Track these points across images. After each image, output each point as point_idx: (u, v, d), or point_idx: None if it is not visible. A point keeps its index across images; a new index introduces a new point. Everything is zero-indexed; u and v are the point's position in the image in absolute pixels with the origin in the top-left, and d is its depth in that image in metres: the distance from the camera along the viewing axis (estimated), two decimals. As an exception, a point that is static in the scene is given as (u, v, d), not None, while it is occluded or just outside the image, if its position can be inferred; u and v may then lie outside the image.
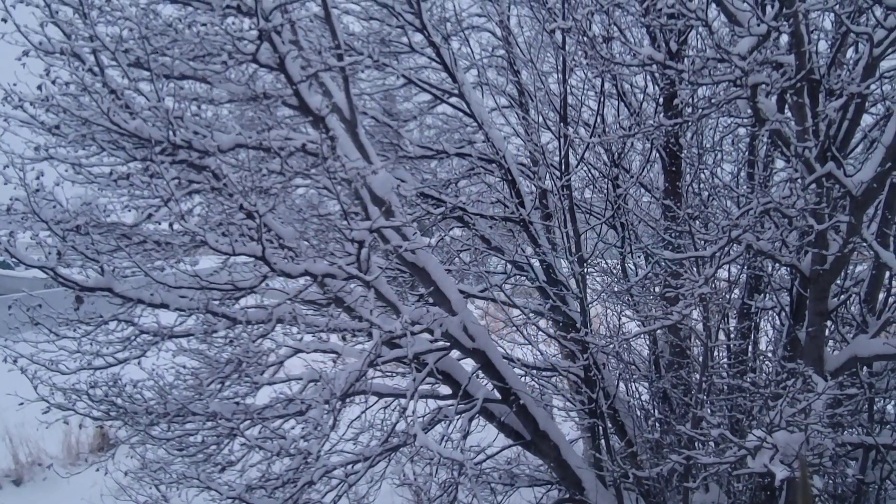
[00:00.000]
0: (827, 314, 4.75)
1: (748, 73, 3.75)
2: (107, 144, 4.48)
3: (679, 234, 5.92)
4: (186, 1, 4.65)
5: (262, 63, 4.66)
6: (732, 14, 3.89)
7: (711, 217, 6.05)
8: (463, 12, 7.48)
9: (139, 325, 4.73)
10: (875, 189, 4.12)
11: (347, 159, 4.19)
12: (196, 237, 3.89)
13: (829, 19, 5.32)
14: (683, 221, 5.61)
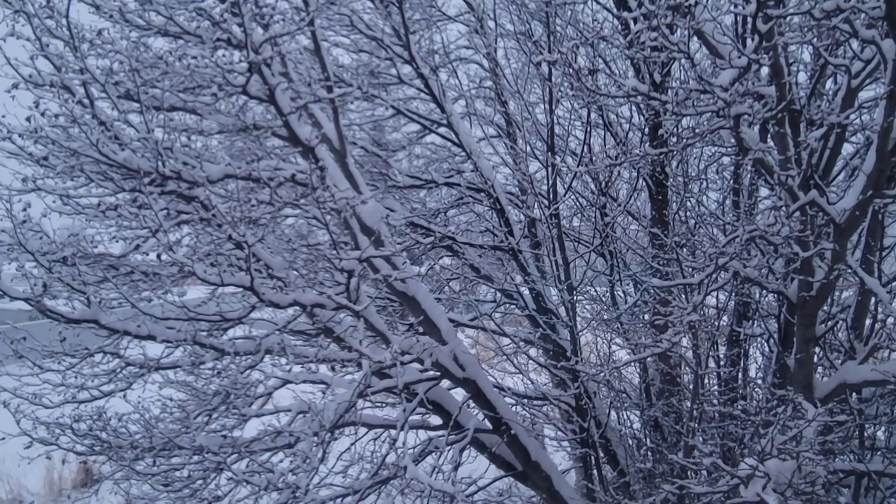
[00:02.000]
0: (815, 340, 4.78)
1: (730, 104, 3.83)
2: (95, 175, 4.48)
3: (667, 262, 5.96)
4: (177, 34, 4.70)
5: (252, 95, 4.70)
6: (714, 47, 3.98)
7: (698, 245, 6.10)
8: (451, 45, 7.61)
9: (125, 357, 4.68)
10: (858, 216, 4.18)
11: (337, 189, 4.21)
12: (184, 268, 3.87)
13: (808, 52, 5.46)
14: (671, 249, 5.65)
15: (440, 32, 7.63)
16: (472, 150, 6.57)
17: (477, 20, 7.07)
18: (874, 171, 3.98)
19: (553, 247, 6.68)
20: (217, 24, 4.47)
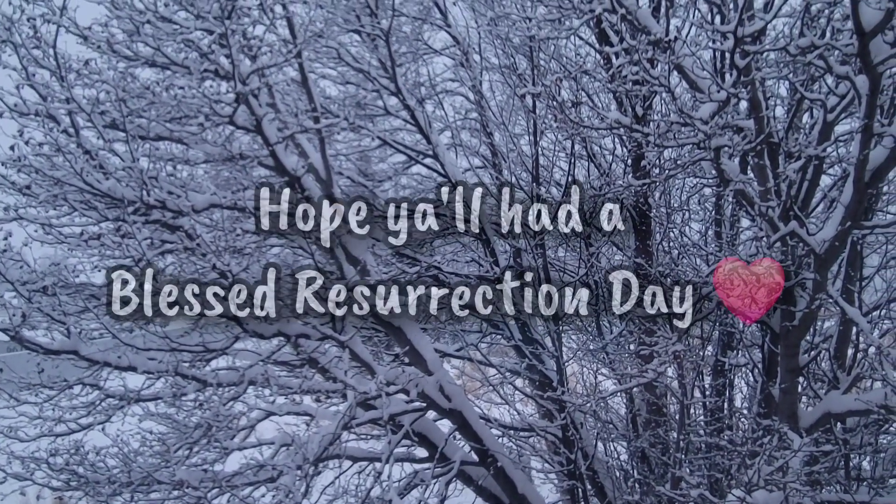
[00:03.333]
0: (798, 370, 4.80)
1: (711, 137, 3.91)
2: (78, 204, 4.45)
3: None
4: (165, 65, 4.73)
5: (238, 125, 4.72)
6: (693, 81, 4.08)
7: (682, 275, 6.15)
8: (437, 77, 7.72)
9: (105, 388, 4.59)
10: (837, 247, 4.25)
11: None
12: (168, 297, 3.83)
13: (785, 86, 5.60)
14: (655, 280, 5.69)
15: (426, 65, 7.75)
16: (458, 181, 6.62)
17: (462, 54, 7.19)
18: (852, 203, 4.06)
19: (538, 278, 6.70)
20: (205, 55, 4.50)
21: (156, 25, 4.54)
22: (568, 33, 5.09)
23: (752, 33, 3.63)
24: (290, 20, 4.94)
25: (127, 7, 4.60)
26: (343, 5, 6.33)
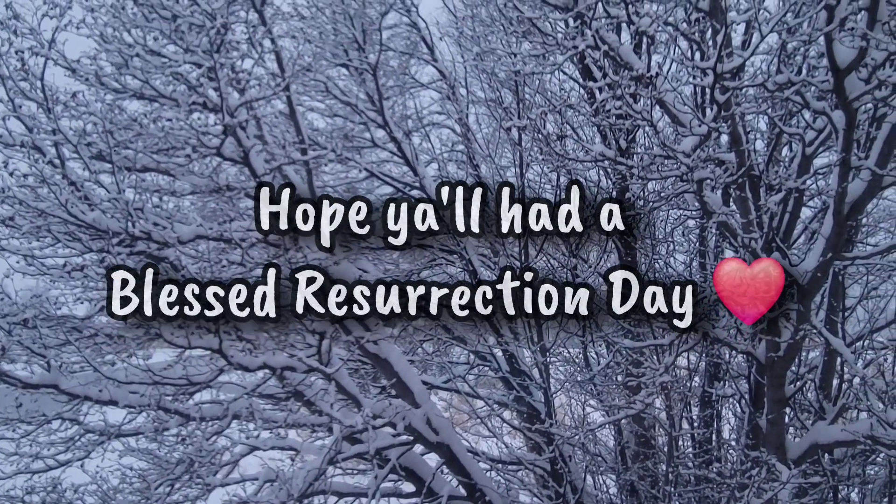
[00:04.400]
0: (785, 401, 4.82)
1: (693, 169, 3.98)
2: (62, 236, 4.42)
3: (638, 323, 6.01)
4: (152, 97, 4.75)
5: (226, 157, 4.73)
6: (675, 115, 4.17)
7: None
8: (423, 110, 7.81)
9: (84, 423, 4.49)
10: (819, 278, 4.30)
11: (309, 250, 4.21)
12: (150, 330, 3.79)
13: (764, 121, 5.72)
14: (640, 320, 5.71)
15: (413, 98, 7.85)
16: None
17: (449, 87, 7.30)
18: (832, 235, 4.12)
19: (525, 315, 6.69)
20: (193, 88, 4.54)
21: (144, 58, 4.57)
22: (552, 68, 5.19)
23: (731, 70, 3.73)
24: (278, 54, 5.00)
25: (116, 40, 4.63)
26: (331, 40, 6.42)
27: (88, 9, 4.59)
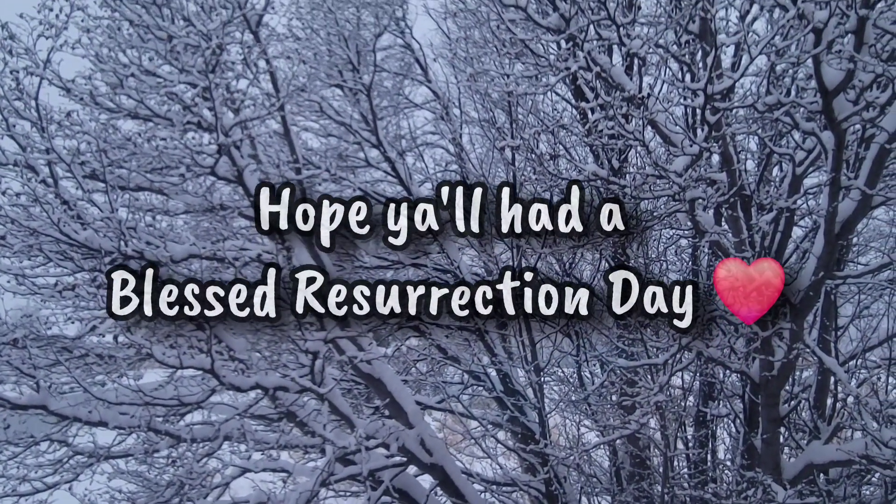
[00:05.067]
0: (779, 420, 4.80)
1: (685, 189, 4.00)
2: (54, 255, 4.40)
3: (632, 342, 6.00)
4: (147, 117, 4.77)
5: (220, 176, 4.74)
6: (667, 136, 4.20)
7: (661, 325, 6.18)
8: (417, 130, 7.86)
9: (73, 445, 4.43)
10: (812, 297, 4.32)
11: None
12: (142, 350, 3.76)
13: (755, 141, 5.78)
14: (635, 329, 5.71)
15: (407, 119, 7.90)
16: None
17: (442, 108, 7.36)
18: (824, 254, 4.15)
19: (519, 327, 6.69)
20: (188, 108, 4.56)
21: (140, 79, 4.60)
22: (545, 89, 5.23)
23: (722, 91, 3.77)
24: (273, 75, 5.04)
25: (111, 60, 4.66)
26: (326, 61, 6.47)
27: (84, 29, 4.62)
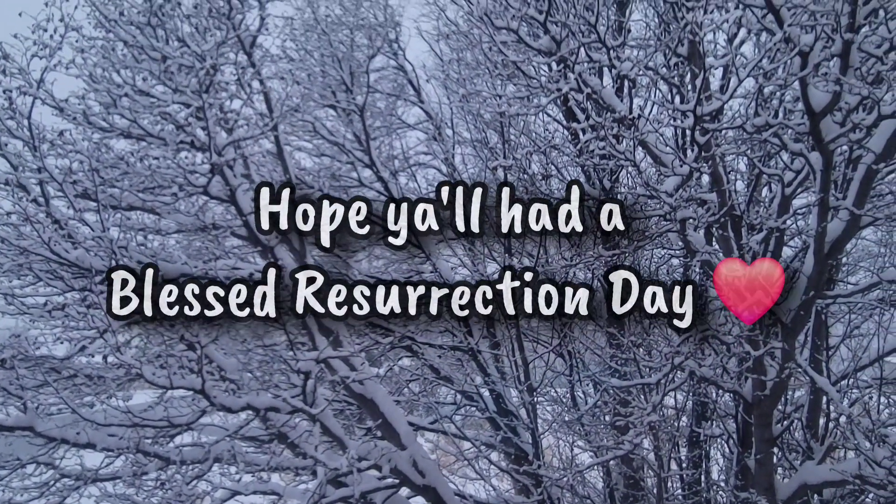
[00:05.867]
0: (772, 441, 4.80)
1: (676, 209, 4.04)
2: (44, 274, 4.37)
3: (625, 362, 6.00)
4: (140, 136, 4.77)
5: (212, 195, 4.74)
6: (657, 156, 4.25)
7: (654, 344, 6.19)
8: (410, 150, 7.90)
9: (60, 468, 4.36)
10: (803, 316, 4.34)
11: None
12: (132, 370, 3.73)
13: (744, 162, 5.85)
14: (628, 349, 5.71)
15: (400, 139, 7.94)
16: (431, 251, 6.67)
17: (435, 128, 7.41)
18: (814, 274, 4.18)
19: (512, 347, 6.68)
20: (181, 127, 4.57)
21: (133, 98, 4.61)
22: (537, 110, 5.29)
23: (711, 112, 3.82)
24: (266, 95, 5.06)
25: (105, 80, 4.67)
26: (319, 82, 6.52)
27: (78, 50, 4.64)
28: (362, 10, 7.00)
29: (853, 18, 3.31)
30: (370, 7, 7.05)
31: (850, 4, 3.27)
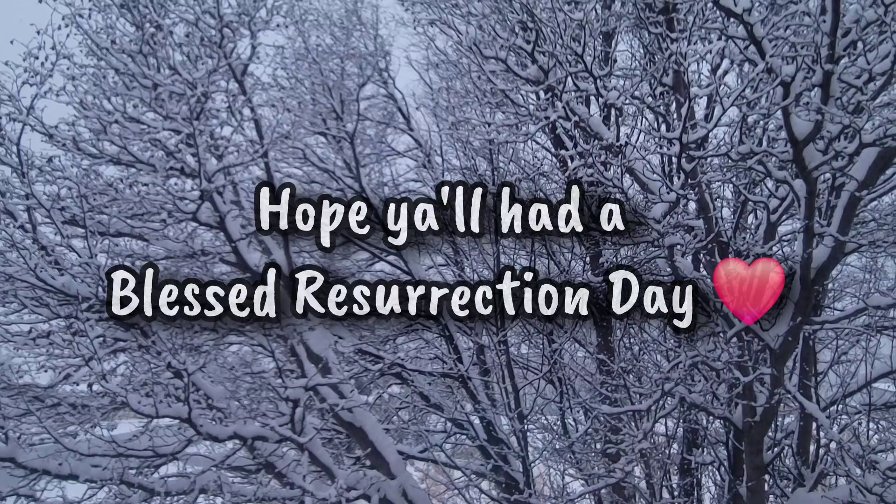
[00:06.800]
0: (764, 468, 4.78)
1: (664, 235, 4.07)
2: (29, 301, 4.32)
3: (615, 389, 5.98)
4: (130, 163, 4.77)
5: (201, 221, 4.73)
6: (644, 183, 4.30)
7: (644, 371, 6.18)
8: (400, 177, 7.94)
9: (42, 500, 4.26)
10: (791, 342, 4.36)
11: (284, 315, 4.16)
12: (117, 398, 3.67)
13: (730, 189, 5.92)
14: (618, 375, 5.70)
15: (390, 166, 7.99)
16: (421, 278, 6.67)
17: (425, 156, 7.47)
18: (801, 299, 4.21)
19: (502, 374, 6.65)
20: (171, 154, 4.58)
21: (123, 125, 4.62)
22: (525, 138, 5.35)
23: (696, 140, 3.89)
24: (257, 122, 5.09)
25: (96, 107, 4.69)
26: (310, 109, 6.57)
27: (69, 77, 4.66)
28: (353, 39, 7.10)
29: (832, 50, 3.40)
30: (360, 37, 7.16)
31: (830, 36, 3.36)
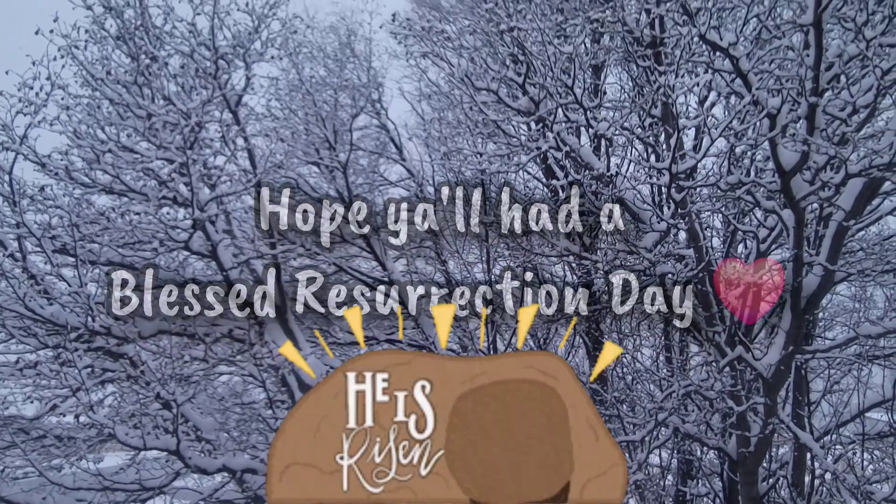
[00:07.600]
0: (759, 499, 4.73)
1: (655, 264, 4.10)
2: (17, 331, 4.27)
3: (608, 419, 5.94)
4: (122, 192, 4.77)
5: (193, 250, 4.71)
6: (635, 213, 4.34)
7: (637, 400, 6.15)
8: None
9: (22, 535, 4.15)
10: (783, 371, 4.37)
11: (275, 346, 4.14)
12: (104, 430, 3.61)
13: (719, 219, 5.98)
14: (611, 405, 5.67)
15: (382, 196, 8.02)
16: (414, 308, 6.64)
17: (417, 185, 7.51)
18: (792, 329, 4.23)
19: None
20: (164, 183, 4.58)
21: (117, 154, 4.63)
22: (517, 168, 5.40)
23: (685, 170, 3.94)
24: (250, 152, 5.12)
25: (89, 137, 4.70)
26: (303, 139, 6.61)
27: (64, 107, 4.68)
28: (346, 71, 7.19)
29: (817, 83, 3.47)
30: (354, 68, 7.25)
31: (814, 70, 3.44)
